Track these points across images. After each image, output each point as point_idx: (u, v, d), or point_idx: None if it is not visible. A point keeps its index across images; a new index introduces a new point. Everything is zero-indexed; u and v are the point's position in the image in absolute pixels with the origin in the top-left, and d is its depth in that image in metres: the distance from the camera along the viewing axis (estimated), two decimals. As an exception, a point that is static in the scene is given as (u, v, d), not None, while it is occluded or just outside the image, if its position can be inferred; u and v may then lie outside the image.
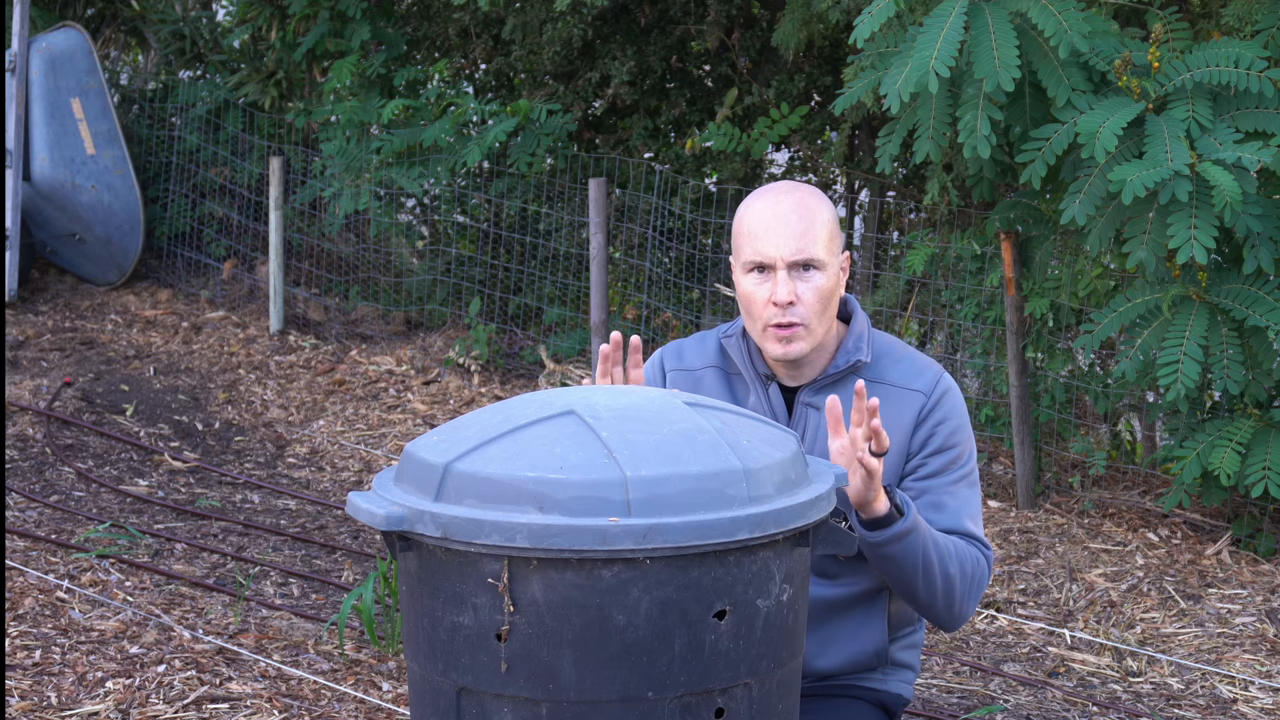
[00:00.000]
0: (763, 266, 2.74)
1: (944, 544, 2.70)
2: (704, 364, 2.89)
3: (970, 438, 2.83)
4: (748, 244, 2.74)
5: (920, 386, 2.79)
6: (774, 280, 2.72)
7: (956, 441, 2.79)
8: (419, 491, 2.25)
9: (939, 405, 2.79)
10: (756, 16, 8.46)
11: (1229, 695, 4.65)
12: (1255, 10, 5.34)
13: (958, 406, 2.81)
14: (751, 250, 2.74)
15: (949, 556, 2.69)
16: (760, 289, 2.74)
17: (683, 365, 2.90)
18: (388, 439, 7.32)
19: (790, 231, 2.71)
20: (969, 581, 2.73)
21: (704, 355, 2.91)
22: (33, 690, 4.11)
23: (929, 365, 2.83)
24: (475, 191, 8.80)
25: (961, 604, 2.74)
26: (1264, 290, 5.29)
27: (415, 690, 2.35)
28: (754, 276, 2.75)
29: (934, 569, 2.67)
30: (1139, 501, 6.23)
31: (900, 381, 2.80)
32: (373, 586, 4.58)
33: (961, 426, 2.81)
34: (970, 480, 2.81)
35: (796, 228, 2.71)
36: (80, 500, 6.10)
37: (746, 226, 2.75)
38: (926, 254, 6.61)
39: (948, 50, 5.09)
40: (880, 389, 2.79)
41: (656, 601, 2.15)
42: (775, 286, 2.72)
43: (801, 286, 2.72)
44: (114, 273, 9.64)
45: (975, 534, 2.78)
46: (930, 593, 2.69)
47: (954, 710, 4.44)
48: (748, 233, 2.75)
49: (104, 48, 10.63)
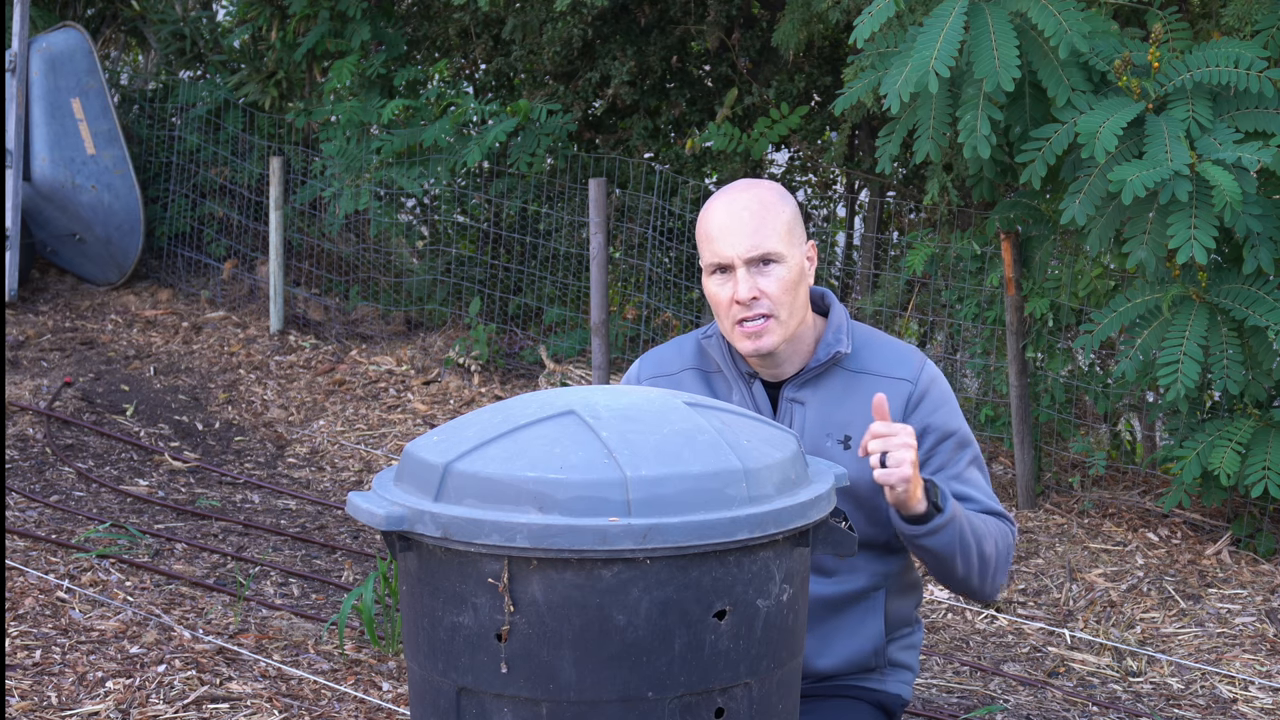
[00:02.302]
0: (723, 267, 2.77)
1: (979, 525, 2.74)
2: (681, 367, 2.92)
3: (963, 417, 2.86)
4: (706, 247, 2.79)
5: (905, 374, 2.81)
6: (734, 279, 2.75)
7: (955, 426, 2.82)
8: (419, 491, 2.25)
9: (928, 394, 2.81)
10: (756, 16, 8.46)
11: (1229, 695, 4.65)
12: (1255, 10, 5.34)
13: (945, 390, 2.84)
14: (710, 252, 2.78)
15: (985, 536, 2.74)
16: (723, 289, 2.77)
17: (659, 371, 2.93)
18: (388, 439, 7.32)
19: (744, 230, 2.74)
20: (1001, 556, 2.79)
21: (681, 358, 2.93)
22: (33, 690, 4.11)
23: (911, 352, 2.85)
24: (475, 191, 8.80)
25: (994, 578, 2.79)
26: (1264, 290, 5.29)
27: (415, 690, 2.35)
28: (717, 278, 2.78)
29: (971, 551, 2.72)
30: (1139, 501, 6.23)
31: (884, 371, 2.82)
32: (373, 586, 4.58)
33: (954, 409, 2.84)
34: (977, 460, 2.85)
35: (749, 225, 2.74)
36: (80, 500, 6.10)
37: (704, 230, 2.79)
38: (926, 254, 6.61)
39: (948, 50, 5.09)
40: (864, 379, 2.81)
41: (656, 601, 2.15)
42: (736, 285, 2.75)
43: (763, 281, 2.75)
44: (114, 273, 9.64)
45: (997, 509, 2.83)
46: (968, 572, 2.74)
47: (954, 710, 4.44)
48: (706, 236, 2.79)
49: (104, 48, 10.63)
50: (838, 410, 2.80)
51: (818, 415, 2.80)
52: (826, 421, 2.79)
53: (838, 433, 2.79)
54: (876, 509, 2.80)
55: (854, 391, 2.80)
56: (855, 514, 2.79)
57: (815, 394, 2.81)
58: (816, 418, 2.80)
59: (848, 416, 2.79)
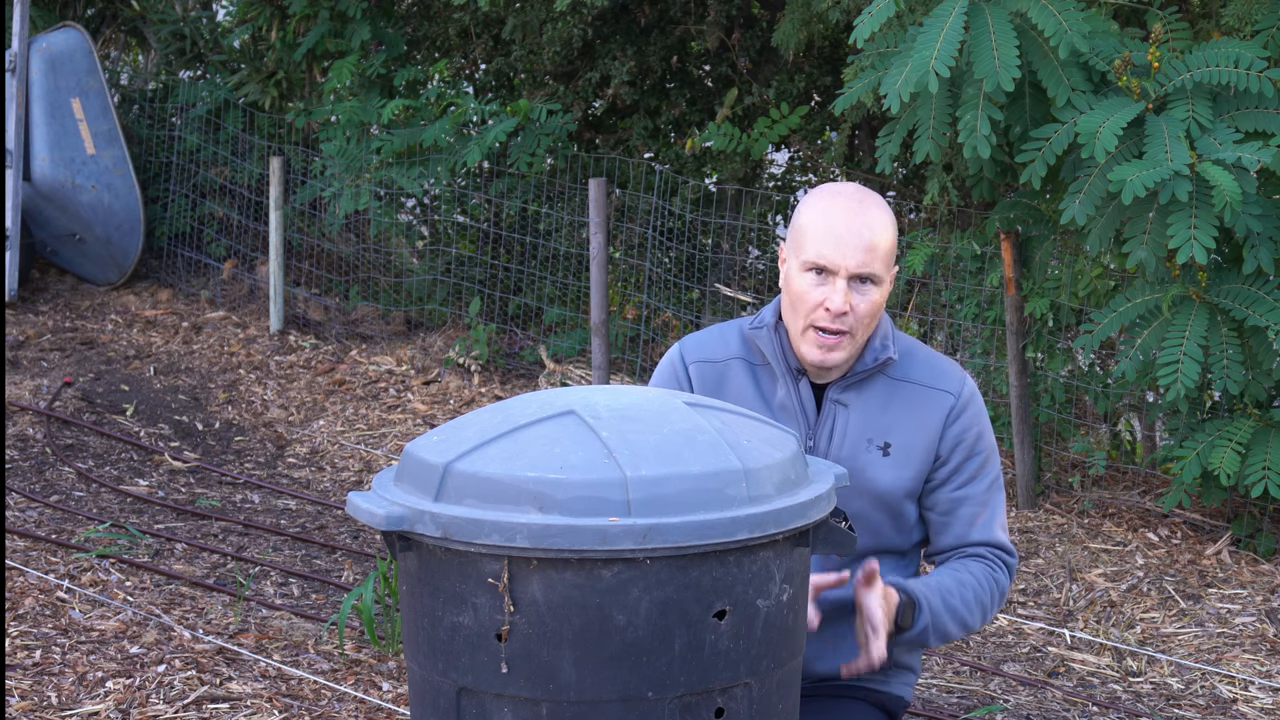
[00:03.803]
0: (823, 270, 2.73)
1: (960, 603, 2.79)
2: (728, 355, 2.88)
3: (993, 438, 2.87)
4: (812, 243, 2.73)
5: (948, 387, 2.82)
6: (832, 286, 2.72)
7: (985, 446, 2.84)
8: (419, 491, 2.25)
9: (968, 409, 2.82)
10: (756, 16, 8.46)
11: (1229, 695, 4.65)
12: (1255, 10, 5.34)
13: (982, 409, 2.86)
14: (815, 251, 2.72)
15: (970, 605, 2.80)
16: (816, 290, 2.73)
17: (705, 357, 2.89)
18: (388, 439, 7.32)
19: (860, 244, 2.71)
20: (992, 606, 2.85)
21: (727, 348, 2.89)
22: (33, 690, 4.11)
23: (953, 365, 2.87)
24: (475, 191, 8.80)
25: (985, 620, 2.86)
26: (1264, 290, 5.29)
27: (415, 690, 2.35)
28: (811, 276, 2.74)
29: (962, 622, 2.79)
30: (1139, 501, 6.23)
31: (927, 381, 2.82)
32: (373, 586, 4.58)
33: (987, 430, 2.85)
34: (999, 484, 2.87)
35: (866, 240, 2.71)
36: (80, 500, 6.10)
37: (813, 226, 2.74)
38: (926, 254, 6.61)
39: (948, 50, 5.09)
40: (908, 388, 2.82)
41: (656, 601, 2.15)
42: (833, 294, 2.71)
43: (857, 298, 2.73)
44: (114, 273, 9.64)
45: (1004, 544, 2.86)
46: (963, 633, 2.82)
47: (954, 710, 4.44)
48: (815, 233, 2.73)
49: (104, 48, 10.63)
50: (881, 416, 2.80)
51: (860, 419, 2.80)
52: (869, 426, 2.80)
53: (879, 439, 2.79)
54: (902, 515, 2.82)
55: (897, 399, 2.81)
56: (883, 520, 2.80)
57: (859, 398, 2.81)
58: (859, 421, 2.80)
59: (890, 423, 2.80)
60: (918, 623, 2.71)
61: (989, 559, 2.84)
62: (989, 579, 2.82)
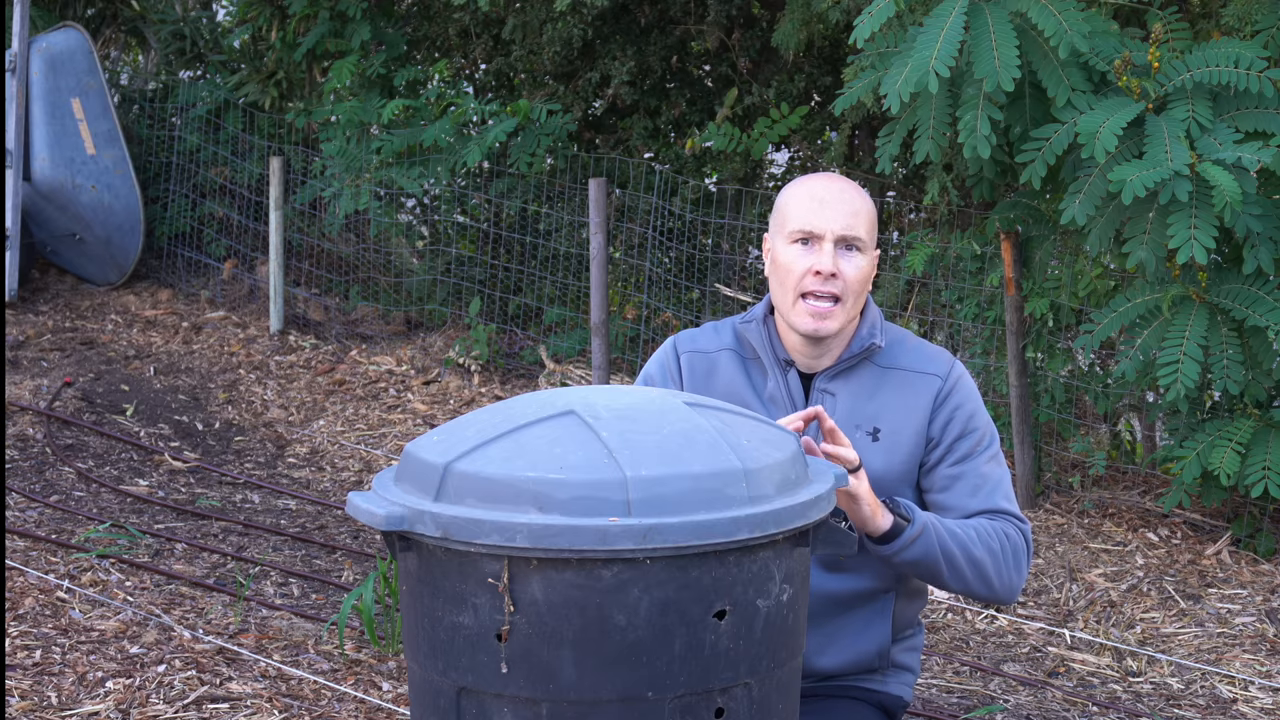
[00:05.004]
0: (809, 238, 2.79)
1: (963, 532, 2.75)
2: (719, 347, 2.94)
3: (989, 418, 2.89)
4: (796, 215, 2.80)
5: (935, 370, 2.85)
6: (819, 250, 2.78)
7: (978, 424, 2.85)
8: (419, 491, 2.25)
9: (955, 390, 2.84)
10: (756, 16, 8.46)
11: (1229, 695, 4.65)
12: (1255, 10, 5.34)
13: (972, 390, 2.88)
14: (800, 220, 2.79)
15: (971, 542, 2.75)
16: (803, 259, 2.79)
17: (697, 348, 2.94)
18: (388, 439, 7.32)
19: (843, 209, 2.79)
20: (1003, 558, 2.78)
21: (719, 340, 2.95)
22: (33, 690, 4.11)
23: (940, 351, 2.90)
24: (475, 191, 8.80)
25: (1000, 579, 2.79)
26: (1264, 290, 5.29)
27: (415, 690, 2.35)
28: (798, 247, 2.80)
29: (957, 559, 2.73)
30: (1139, 501, 6.23)
31: (914, 366, 2.86)
32: (373, 586, 4.58)
33: (979, 408, 2.87)
34: (998, 459, 2.87)
35: (850, 206, 2.80)
36: (80, 500, 6.10)
37: (795, 200, 2.82)
38: (926, 254, 6.61)
39: (948, 50, 5.09)
40: (895, 374, 2.85)
41: (656, 601, 2.15)
42: (821, 256, 2.77)
43: (844, 263, 2.79)
44: (114, 273, 9.64)
45: (1010, 510, 2.84)
46: (960, 580, 2.75)
47: (954, 710, 4.44)
48: (797, 205, 2.81)
49: (104, 48, 10.63)
50: (868, 403, 2.83)
51: (848, 406, 2.83)
52: (857, 413, 2.82)
53: (867, 424, 2.82)
54: None
55: (885, 385, 2.84)
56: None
57: (846, 386, 2.85)
58: (847, 408, 2.83)
59: (878, 409, 2.83)
60: (915, 518, 2.68)
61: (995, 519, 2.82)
62: (996, 530, 2.79)
